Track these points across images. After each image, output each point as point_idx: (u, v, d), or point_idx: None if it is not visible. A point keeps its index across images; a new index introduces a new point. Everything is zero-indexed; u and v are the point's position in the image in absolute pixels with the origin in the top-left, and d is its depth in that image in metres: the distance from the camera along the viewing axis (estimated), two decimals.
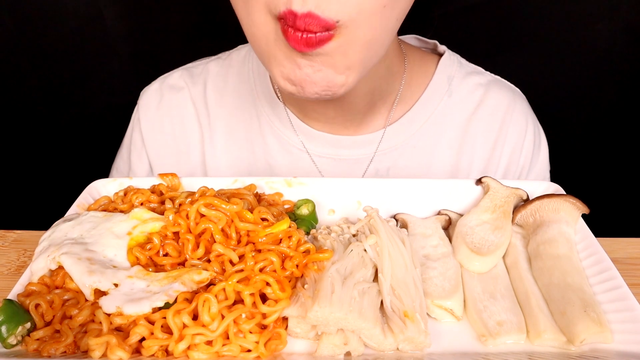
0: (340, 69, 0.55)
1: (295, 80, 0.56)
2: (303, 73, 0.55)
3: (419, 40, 0.86)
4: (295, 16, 0.50)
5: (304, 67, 0.55)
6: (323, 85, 0.56)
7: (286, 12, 0.51)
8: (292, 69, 0.55)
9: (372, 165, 0.78)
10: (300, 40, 0.52)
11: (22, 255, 0.65)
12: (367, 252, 0.54)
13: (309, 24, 0.50)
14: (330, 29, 0.51)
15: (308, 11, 0.50)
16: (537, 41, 1.22)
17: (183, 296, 0.48)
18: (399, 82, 0.77)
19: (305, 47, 0.52)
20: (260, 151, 0.80)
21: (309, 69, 0.55)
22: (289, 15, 0.51)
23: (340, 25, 0.52)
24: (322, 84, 0.56)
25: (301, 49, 0.52)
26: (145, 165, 0.84)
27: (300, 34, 0.51)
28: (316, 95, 0.57)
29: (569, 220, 0.59)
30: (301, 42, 0.52)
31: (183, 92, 0.83)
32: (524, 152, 0.81)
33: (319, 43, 0.52)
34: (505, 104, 0.81)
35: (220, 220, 0.54)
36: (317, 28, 0.51)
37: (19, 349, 0.47)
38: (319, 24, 0.51)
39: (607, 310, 0.50)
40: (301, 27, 0.51)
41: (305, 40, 0.52)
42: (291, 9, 0.50)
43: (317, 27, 0.51)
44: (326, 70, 0.55)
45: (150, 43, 1.26)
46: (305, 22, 0.50)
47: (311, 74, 0.55)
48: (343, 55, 0.54)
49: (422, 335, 0.47)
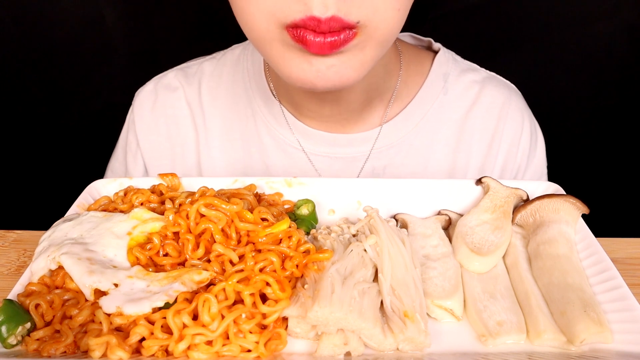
0: (354, 65, 0.56)
1: (306, 78, 0.56)
2: (314, 69, 0.56)
3: (414, 38, 0.87)
4: (319, 21, 0.51)
5: (315, 64, 0.55)
6: (335, 81, 0.57)
7: (305, 20, 0.51)
8: (303, 67, 0.56)
9: (369, 163, 0.78)
10: (324, 45, 0.52)
11: (22, 255, 0.65)
12: (367, 252, 0.54)
13: (333, 27, 0.52)
14: (352, 28, 0.53)
15: (332, 15, 0.51)
16: (537, 41, 1.22)
17: (183, 296, 0.48)
18: (396, 80, 0.77)
19: (330, 50, 0.53)
20: (256, 150, 0.80)
21: (321, 66, 0.55)
22: (310, 22, 0.51)
23: (361, 25, 0.53)
24: (335, 80, 0.57)
25: (325, 52, 0.53)
26: (140, 166, 0.84)
27: (322, 38, 0.52)
28: (327, 89, 0.58)
29: (569, 220, 0.59)
30: (325, 47, 0.53)
31: (178, 92, 0.83)
32: (520, 148, 0.81)
33: (343, 43, 0.53)
34: (501, 100, 0.81)
35: (220, 220, 0.54)
36: (339, 30, 0.52)
37: (19, 349, 0.47)
38: (342, 25, 0.52)
39: (607, 310, 0.50)
40: (326, 30, 0.52)
41: (330, 44, 0.53)
42: (313, 15, 0.51)
43: (339, 28, 0.52)
44: (339, 66, 0.56)
45: (150, 43, 1.26)
46: (330, 25, 0.51)
47: (324, 70, 0.56)
48: (360, 51, 0.56)
49: (422, 335, 0.47)
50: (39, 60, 1.27)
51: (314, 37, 0.52)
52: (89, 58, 1.27)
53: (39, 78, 1.29)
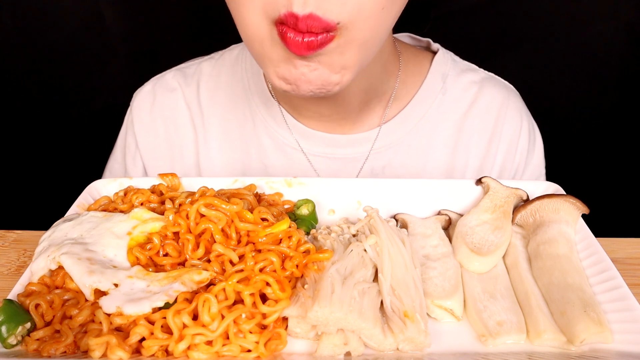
0: (337, 68, 0.56)
1: (290, 79, 0.56)
2: (299, 72, 0.55)
3: (413, 39, 0.87)
4: (297, 18, 0.50)
5: (299, 67, 0.55)
6: (318, 84, 0.56)
7: (287, 15, 0.51)
8: (288, 69, 0.55)
9: (368, 163, 0.78)
10: (301, 45, 0.52)
11: (22, 255, 0.65)
12: (367, 252, 0.54)
13: (310, 25, 0.51)
14: (331, 30, 0.52)
15: (310, 13, 0.50)
16: (536, 41, 1.22)
17: (183, 296, 0.48)
18: (394, 81, 0.77)
19: (306, 50, 0.52)
20: (254, 151, 0.80)
21: (305, 69, 0.55)
22: (289, 18, 0.51)
23: (341, 27, 0.52)
24: (317, 83, 0.56)
25: (302, 52, 0.52)
26: (139, 167, 0.84)
27: (300, 37, 0.51)
28: (310, 93, 0.57)
29: (569, 220, 0.59)
30: (302, 47, 0.52)
31: (176, 92, 0.83)
32: (519, 149, 0.82)
33: (320, 45, 0.52)
34: (500, 100, 0.81)
35: (220, 220, 0.54)
36: (319, 29, 0.51)
37: (19, 349, 0.47)
38: (320, 25, 0.51)
39: (607, 310, 0.50)
40: (303, 29, 0.51)
41: (307, 44, 0.52)
42: (292, 11, 0.50)
43: (318, 28, 0.51)
44: (322, 69, 0.55)
45: (150, 43, 1.26)
46: (307, 24, 0.50)
47: (307, 72, 0.55)
48: (340, 55, 0.55)
49: (422, 335, 0.47)
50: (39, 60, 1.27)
51: (293, 35, 0.52)
52: (88, 58, 1.27)
53: (39, 78, 1.29)
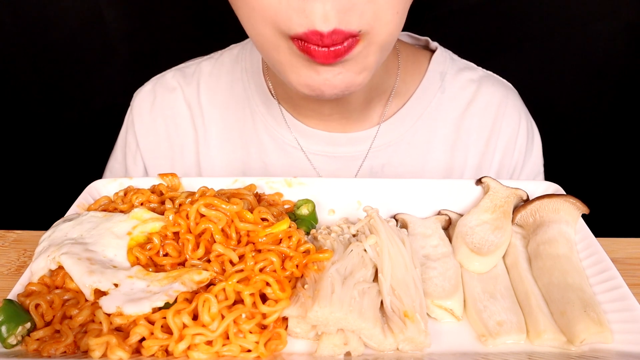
0: (359, 70, 0.57)
1: (314, 85, 0.57)
2: (322, 78, 0.56)
3: (411, 37, 0.87)
4: (322, 35, 0.51)
5: (322, 73, 0.56)
6: (342, 87, 0.58)
7: (308, 34, 0.52)
8: (310, 76, 0.57)
9: (367, 162, 0.78)
10: (329, 54, 0.53)
11: (22, 255, 0.65)
12: (367, 252, 0.54)
13: (335, 40, 0.52)
14: (354, 36, 0.53)
15: (334, 29, 0.51)
16: (536, 41, 1.22)
17: (183, 296, 0.48)
18: (394, 79, 0.78)
19: (334, 59, 0.54)
20: (254, 150, 0.80)
21: (328, 74, 0.56)
22: (313, 36, 0.52)
23: (363, 33, 0.54)
24: (342, 86, 0.57)
25: (329, 62, 0.54)
26: (140, 166, 0.84)
27: (326, 49, 0.53)
28: (334, 97, 0.59)
29: (569, 220, 0.59)
30: (330, 56, 0.53)
31: (176, 92, 0.83)
32: (517, 147, 0.82)
33: (346, 51, 0.54)
34: (498, 99, 0.81)
35: (220, 220, 0.54)
36: (342, 40, 0.53)
37: (19, 349, 0.47)
38: (344, 36, 0.52)
39: (607, 310, 0.50)
40: (329, 44, 0.52)
41: (334, 53, 0.53)
42: (315, 29, 0.51)
43: (342, 39, 0.53)
44: (346, 73, 0.57)
45: (150, 43, 1.26)
46: (333, 39, 0.52)
47: (330, 78, 0.56)
48: (363, 58, 0.56)
49: (422, 335, 0.47)
50: (39, 60, 1.27)
51: (318, 47, 0.53)
52: (88, 58, 1.27)
53: (38, 78, 1.29)
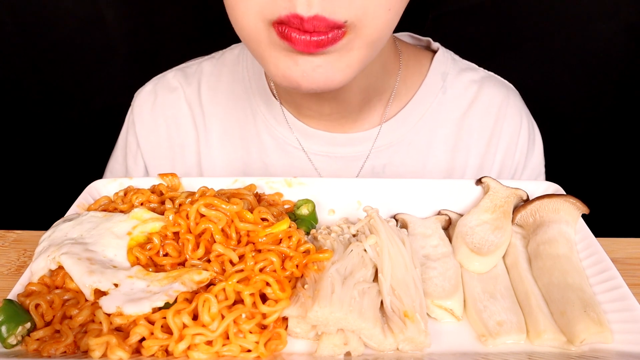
0: (341, 67, 0.55)
1: (292, 77, 0.56)
2: (300, 69, 0.55)
3: (413, 38, 0.87)
4: (302, 19, 0.50)
5: (301, 64, 0.54)
6: (320, 83, 0.56)
7: (289, 17, 0.50)
8: (289, 66, 0.55)
9: (368, 162, 0.78)
10: (310, 43, 0.51)
11: (22, 255, 0.65)
12: (367, 252, 0.54)
13: (317, 26, 0.51)
14: (340, 27, 0.52)
15: (315, 14, 0.50)
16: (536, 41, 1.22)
17: (183, 296, 0.48)
18: (394, 79, 0.78)
19: (316, 48, 0.52)
20: (255, 150, 0.80)
21: (307, 65, 0.54)
22: (293, 19, 0.50)
23: (349, 25, 0.52)
24: (320, 81, 0.56)
25: (310, 50, 0.52)
26: (141, 167, 0.84)
27: (307, 36, 0.51)
28: (312, 91, 0.57)
29: (569, 220, 0.59)
30: (311, 45, 0.52)
31: (177, 92, 0.83)
32: (519, 148, 0.82)
33: (331, 42, 0.52)
34: (499, 100, 0.81)
35: (220, 220, 0.54)
36: (326, 29, 0.51)
37: (19, 349, 0.47)
38: (327, 24, 0.51)
39: (607, 310, 0.50)
40: (309, 29, 0.51)
41: (316, 43, 0.52)
42: (296, 13, 0.50)
43: (325, 27, 0.51)
44: (326, 67, 0.55)
45: (150, 43, 1.26)
46: (314, 24, 0.50)
47: (309, 71, 0.55)
48: (348, 52, 0.55)
49: (422, 335, 0.47)
50: (39, 60, 1.27)
51: (299, 34, 0.51)
52: (88, 58, 1.27)
53: (38, 78, 1.29)
